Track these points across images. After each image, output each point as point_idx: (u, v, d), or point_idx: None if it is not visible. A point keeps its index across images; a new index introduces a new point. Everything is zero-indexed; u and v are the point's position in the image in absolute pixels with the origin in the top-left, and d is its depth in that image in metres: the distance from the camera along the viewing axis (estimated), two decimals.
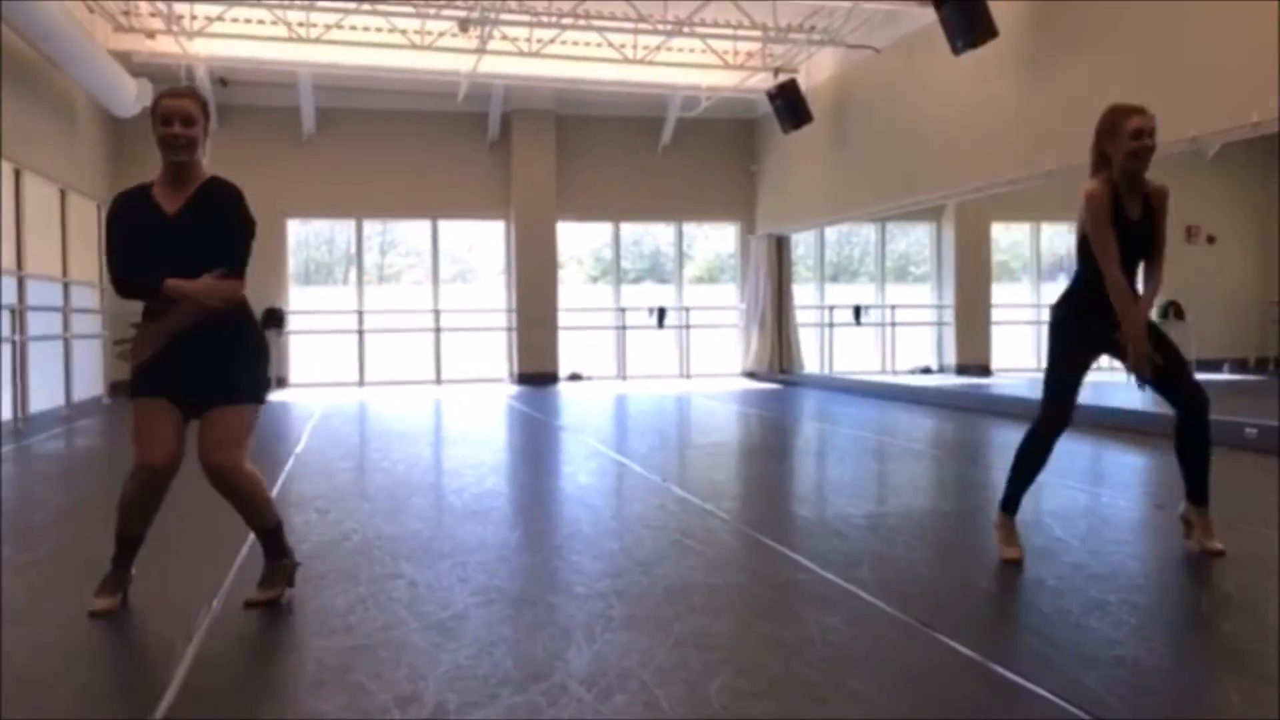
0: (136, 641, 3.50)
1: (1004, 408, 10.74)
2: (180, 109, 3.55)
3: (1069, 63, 9.63)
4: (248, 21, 13.14)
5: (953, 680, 2.96)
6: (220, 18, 12.79)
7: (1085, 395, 4.38)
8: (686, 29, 13.33)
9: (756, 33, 13.76)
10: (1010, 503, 4.38)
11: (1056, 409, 4.29)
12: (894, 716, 2.71)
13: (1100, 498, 5.99)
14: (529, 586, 4.00)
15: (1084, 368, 4.33)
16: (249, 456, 3.65)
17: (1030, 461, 4.37)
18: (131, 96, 12.94)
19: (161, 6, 12.06)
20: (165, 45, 12.85)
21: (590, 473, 7.08)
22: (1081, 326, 4.27)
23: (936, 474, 7.35)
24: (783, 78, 14.17)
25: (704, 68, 14.86)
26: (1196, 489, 4.33)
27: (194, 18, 12.73)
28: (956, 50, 10.37)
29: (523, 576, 4.17)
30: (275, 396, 13.06)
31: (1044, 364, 4.45)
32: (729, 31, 13.78)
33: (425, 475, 7.26)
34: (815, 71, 14.74)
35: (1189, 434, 4.29)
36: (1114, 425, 8.53)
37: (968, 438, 9.24)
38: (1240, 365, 15.91)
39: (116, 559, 3.66)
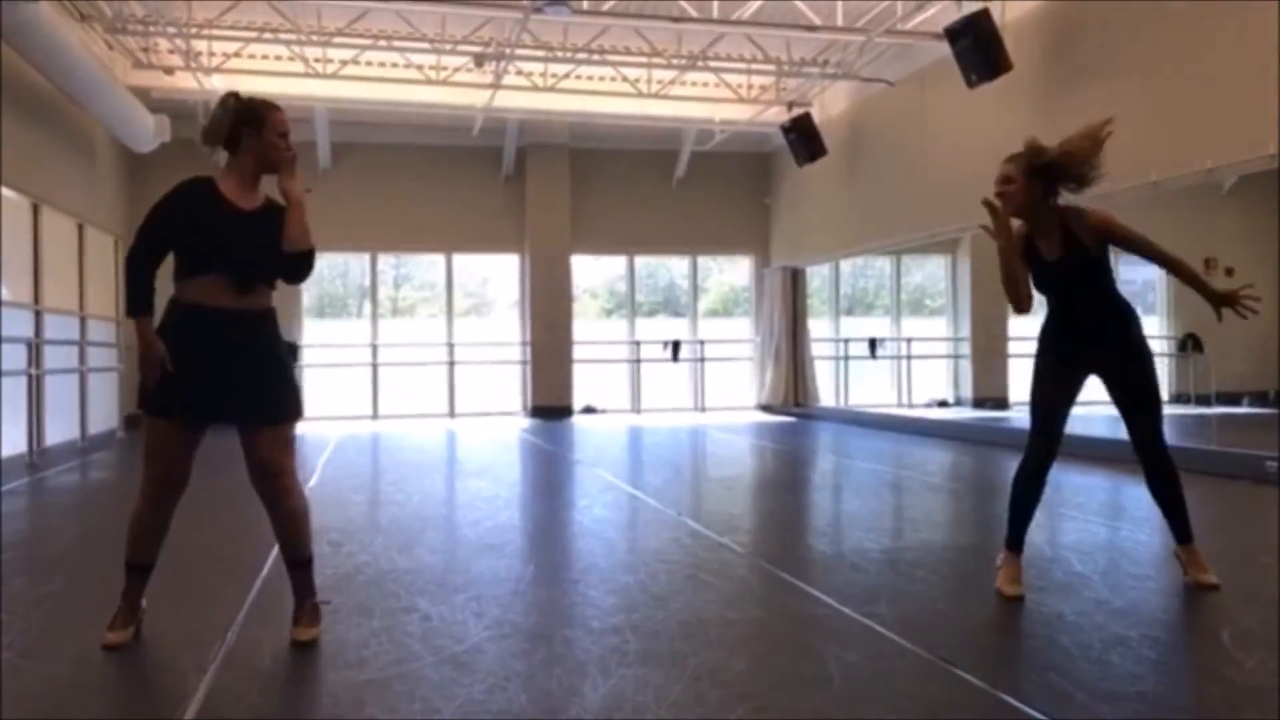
0: (150, 675, 3.48)
1: (1021, 441, 10.60)
2: (287, 125, 3.69)
3: (1084, 95, 9.61)
4: (265, 58, 13.29)
5: (973, 717, 2.92)
6: (238, 54, 12.94)
7: (1101, 429, 4.35)
8: (700, 63, 13.40)
9: (770, 67, 13.83)
10: (1012, 539, 4.33)
11: (1036, 437, 4.31)
12: None
13: (1120, 532, 5.93)
14: (543, 621, 3.97)
15: (1067, 395, 4.30)
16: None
17: (1019, 493, 4.34)
18: (150, 132, 13.06)
19: (180, 43, 12.20)
20: (183, 81, 12.99)
21: (604, 506, 7.05)
22: (1056, 349, 4.28)
23: (953, 508, 7.29)
24: (797, 111, 14.22)
25: (718, 101, 14.93)
26: (1177, 529, 4.37)
27: (212, 54, 12.88)
28: (971, 84, 10.38)
29: (537, 611, 4.14)
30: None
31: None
32: (743, 65, 13.85)
33: (439, 508, 7.24)
34: (829, 105, 14.81)
35: (1152, 485, 4.35)
36: (1132, 460, 8.44)
37: (985, 471, 9.16)
38: (1260, 399, 15.79)
39: (127, 591, 3.64)
